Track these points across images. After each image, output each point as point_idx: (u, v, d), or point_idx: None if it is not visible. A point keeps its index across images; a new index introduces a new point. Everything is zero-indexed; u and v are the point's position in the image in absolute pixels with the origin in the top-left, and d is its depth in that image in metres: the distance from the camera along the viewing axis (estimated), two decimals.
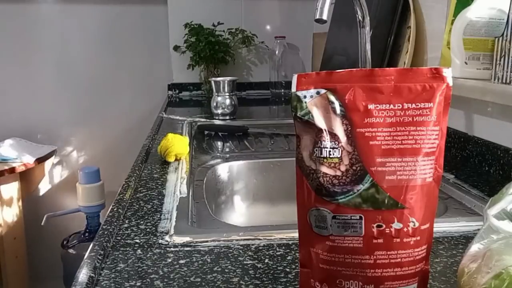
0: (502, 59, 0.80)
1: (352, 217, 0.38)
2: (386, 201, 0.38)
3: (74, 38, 2.10)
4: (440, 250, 0.57)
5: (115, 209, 0.69)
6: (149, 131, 1.31)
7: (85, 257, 0.54)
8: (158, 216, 0.69)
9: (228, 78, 1.48)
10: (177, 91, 2.12)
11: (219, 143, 1.21)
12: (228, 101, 1.48)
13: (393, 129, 0.38)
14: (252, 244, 0.59)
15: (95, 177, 1.70)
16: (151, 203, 0.74)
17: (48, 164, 2.00)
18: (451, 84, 0.38)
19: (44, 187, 2.18)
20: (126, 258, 0.56)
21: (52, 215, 1.77)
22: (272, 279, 0.50)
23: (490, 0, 0.86)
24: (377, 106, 0.38)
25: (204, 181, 0.90)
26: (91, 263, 0.52)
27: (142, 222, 0.67)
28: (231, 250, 0.58)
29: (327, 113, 0.39)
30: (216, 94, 1.49)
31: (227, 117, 1.49)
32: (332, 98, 0.39)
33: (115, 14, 2.11)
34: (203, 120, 1.50)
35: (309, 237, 0.40)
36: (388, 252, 0.38)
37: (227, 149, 1.15)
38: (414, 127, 0.38)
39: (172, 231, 0.63)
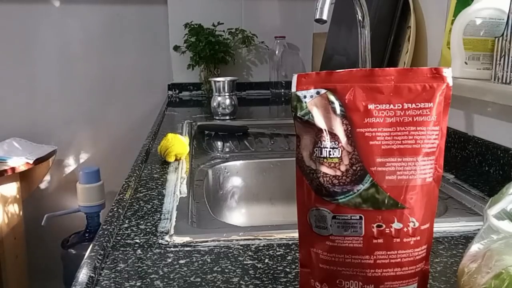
0: (502, 59, 0.80)
1: (352, 217, 0.38)
2: (386, 201, 0.38)
3: (74, 37, 2.10)
4: (440, 250, 0.57)
5: (115, 209, 0.69)
6: (149, 131, 1.31)
7: (85, 257, 0.54)
8: (158, 216, 0.69)
9: (228, 78, 1.48)
10: (177, 91, 2.12)
11: (219, 143, 1.21)
12: (228, 101, 1.48)
13: (393, 129, 0.38)
14: (252, 244, 0.59)
15: (95, 177, 1.70)
16: (151, 203, 0.74)
17: (48, 164, 2.00)
18: (451, 84, 0.38)
19: (44, 187, 2.18)
20: (126, 258, 0.56)
21: (52, 215, 1.77)
22: (272, 279, 0.50)
23: (490, 0, 0.86)
24: (377, 106, 0.38)
25: (204, 181, 0.90)
26: (91, 263, 0.52)
27: (142, 222, 0.67)
28: (231, 250, 0.58)
29: (327, 113, 0.39)
30: (216, 94, 1.49)
31: (227, 117, 1.49)
32: (332, 98, 0.39)
33: (115, 14, 2.11)
34: (203, 120, 1.50)
35: (309, 237, 0.40)
36: (388, 252, 0.38)
37: (227, 149, 1.15)
38: (414, 127, 0.38)
39: (172, 231, 0.63)
